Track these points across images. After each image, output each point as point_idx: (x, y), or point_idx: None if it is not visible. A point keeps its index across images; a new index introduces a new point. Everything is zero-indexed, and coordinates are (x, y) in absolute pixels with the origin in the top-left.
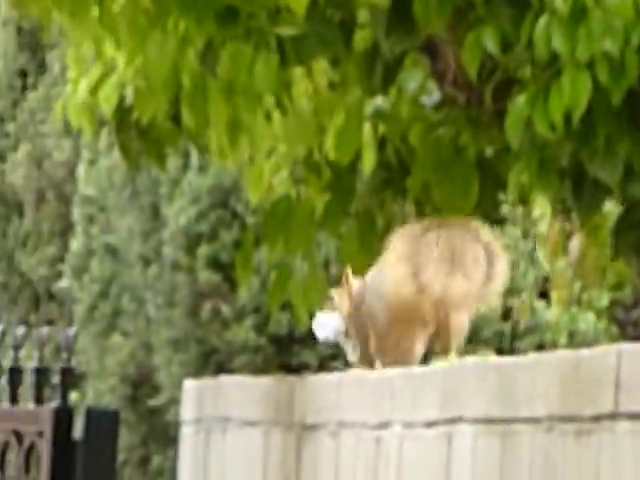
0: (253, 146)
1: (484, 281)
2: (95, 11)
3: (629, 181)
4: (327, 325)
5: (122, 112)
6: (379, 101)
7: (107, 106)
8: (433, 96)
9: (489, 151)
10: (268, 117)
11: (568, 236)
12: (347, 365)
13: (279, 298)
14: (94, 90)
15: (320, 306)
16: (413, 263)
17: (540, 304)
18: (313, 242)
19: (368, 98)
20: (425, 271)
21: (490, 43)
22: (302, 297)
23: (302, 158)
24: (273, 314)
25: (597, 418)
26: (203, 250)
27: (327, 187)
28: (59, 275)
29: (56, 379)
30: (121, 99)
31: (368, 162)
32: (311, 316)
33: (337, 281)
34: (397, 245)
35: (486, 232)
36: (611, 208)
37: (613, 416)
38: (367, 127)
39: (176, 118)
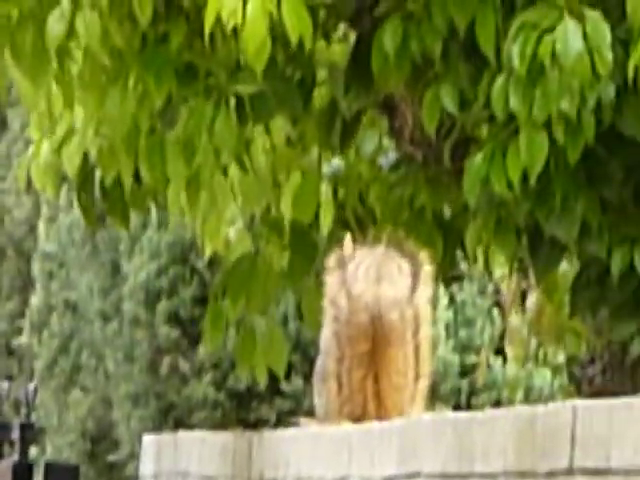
0: (212, 202)
1: (410, 288)
2: (52, 69)
3: (585, 239)
4: None
5: (84, 172)
6: (336, 162)
7: (70, 166)
8: (389, 156)
9: (447, 209)
10: (226, 173)
11: (524, 293)
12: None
13: (248, 358)
14: (57, 150)
15: (280, 363)
16: (343, 280)
17: (497, 361)
18: (273, 299)
19: (326, 157)
20: (355, 284)
21: (448, 101)
22: (262, 354)
23: (260, 215)
24: (240, 373)
25: (553, 474)
26: (162, 306)
27: (289, 245)
28: (19, 331)
29: (15, 434)
30: (84, 159)
31: (326, 222)
32: (271, 372)
33: (296, 337)
34: (330, 269)
35: (410, 245)
36: (567, 266)
37: (569, 472)
38: (325, 187)
39: (138, 176)
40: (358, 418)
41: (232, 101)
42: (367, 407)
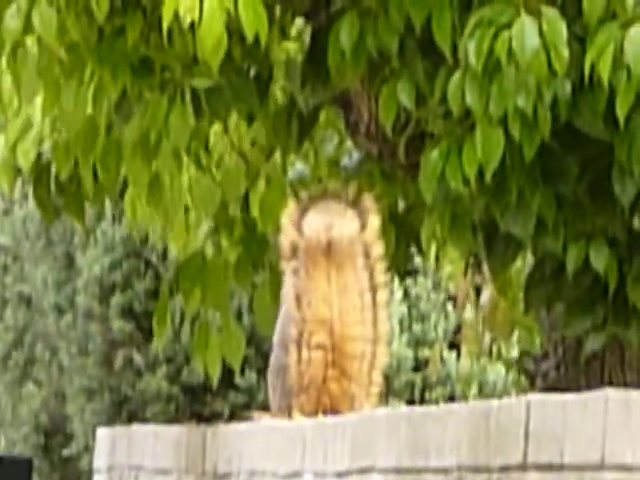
0: (171, 202)
1: (359, 227)
2: (8, 63)
3: (541, 235)
4: None
5: (40, 167)
6: (299, 167)
7: (25, 162)
8: (353, 157)
9: (402, 204)
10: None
11: (479, 288)
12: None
13: (203, 352)
14: (12, 146)
15: (237, 356)
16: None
17: (451, 355)
18: (227, 294)
19: (289, 160)
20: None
21: (404, 97)
22: (218, 348)
23: (216, 212)
24: (196, 367)
25: (506, 469)
26: (116, 299)
27: (239, 241)
28: None
29: None
30: (39, 154)
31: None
32: (224, 367)
33: (251, 332)
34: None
35: (354, 192)
36: (521, 262)
37: (522, 467)
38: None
39: (94, 172)
40: (319, 389)
41: (187, 95)
42: (327, 374)
